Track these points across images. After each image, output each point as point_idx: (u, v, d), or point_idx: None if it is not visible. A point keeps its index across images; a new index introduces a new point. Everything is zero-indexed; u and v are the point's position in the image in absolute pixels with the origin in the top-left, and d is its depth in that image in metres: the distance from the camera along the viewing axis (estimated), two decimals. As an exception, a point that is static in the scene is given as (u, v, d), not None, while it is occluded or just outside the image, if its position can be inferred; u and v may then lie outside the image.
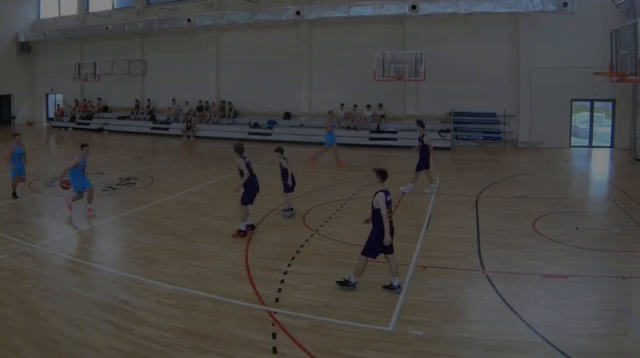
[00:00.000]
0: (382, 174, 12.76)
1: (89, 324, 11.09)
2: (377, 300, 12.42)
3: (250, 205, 17.42)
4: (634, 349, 10.11)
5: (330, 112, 34.21)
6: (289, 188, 19.55)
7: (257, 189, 17.62)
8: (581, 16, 34.88)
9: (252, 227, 17.56)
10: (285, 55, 44.88)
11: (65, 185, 19.93)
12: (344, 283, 12.82)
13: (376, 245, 12.65)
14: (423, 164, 23.57)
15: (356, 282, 12.75)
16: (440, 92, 40.26)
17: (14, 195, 22.30)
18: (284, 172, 19.53)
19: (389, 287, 12.78)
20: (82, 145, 20.33)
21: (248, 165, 17.26)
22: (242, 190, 17.32)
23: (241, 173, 17.24)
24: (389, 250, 12.74)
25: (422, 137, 23.94)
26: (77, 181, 19.91)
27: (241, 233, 16.93)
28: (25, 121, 57.85)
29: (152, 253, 15.82)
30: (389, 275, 12.85)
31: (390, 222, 12.74)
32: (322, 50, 44.01)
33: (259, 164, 25.70)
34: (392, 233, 12.69)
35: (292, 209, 19.76)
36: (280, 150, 19.87)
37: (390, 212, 12.75)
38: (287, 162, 19.68)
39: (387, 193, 12.65)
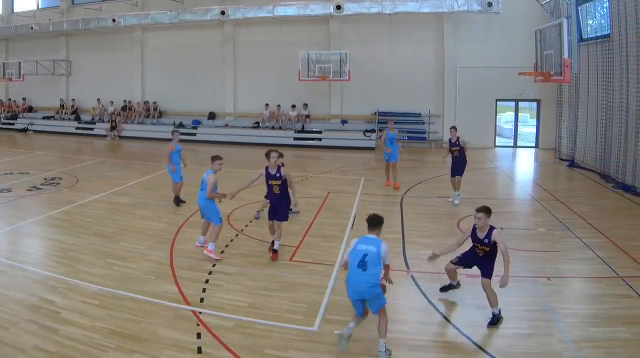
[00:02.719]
0: (489, 211, 11.91)
1: (13, 324, 11.00)
2: (302, 300, 12.50)
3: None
4: (559, 349, 10.31)
5: (390, 120, 27.17)
6: None
7: None
8: (506, 16, 35.53)
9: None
10: (210, 55, 44.73)
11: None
12: (495, 322, 11.49)
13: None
14: (460, 170, 22.26)
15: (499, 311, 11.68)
16: (365, 92, 40.61)
17: (178, 202, 21.41)
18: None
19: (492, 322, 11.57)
20: (214, 158, 15.99)
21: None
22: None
23: (284, 184, 15.76)
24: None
25: (457, 141, 22.06)
26: (214, 209, 15.72)
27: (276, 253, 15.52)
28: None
29: (77, 253, 15.64)
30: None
31: None
32: (247, 50, 43.99)
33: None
34: None
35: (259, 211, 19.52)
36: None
37: None
38: None
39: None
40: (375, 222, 10.88)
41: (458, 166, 22.14)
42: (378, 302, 10.34)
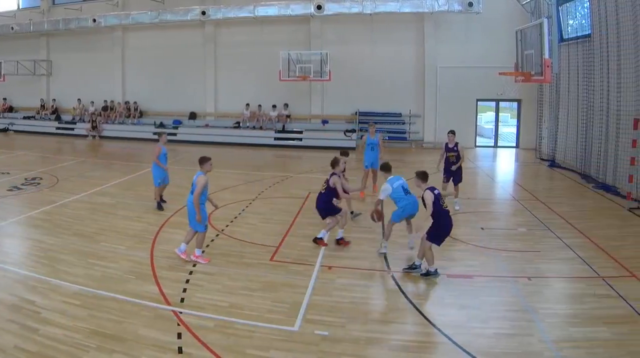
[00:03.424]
0: (424, 176, 14.52)
1: (-6, 324, 10.87)
2: (283, 300, 12.47)
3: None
4: (539, 349, 10.31)
5: (371, 124, 25.29)
6: None
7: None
8: (487, 16, 35.70)
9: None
10: (191, 55, 44.62)
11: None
12: (426, 274, 13.66)
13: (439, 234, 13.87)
14: (459, 177, 21.61)
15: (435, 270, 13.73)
16: (345, 92, 40.63)
17: (160, 206, 20.69)
18: None
19: (411, 268, 14.25)
20: (204, 159, 15.56)
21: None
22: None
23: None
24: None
25: (456, 146, 21.32)
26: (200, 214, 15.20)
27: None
28: None
29: (58, 253, 15.55)
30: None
31: (448, 211, 14.10)
32: (228, 50, 43.94)
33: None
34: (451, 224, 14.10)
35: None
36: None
37: (443, 203, 14.03)
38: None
39: (433, 189, 14.04)
40: (390, 167, 16.28)
41: (456, 173, 21.58)
42: None
